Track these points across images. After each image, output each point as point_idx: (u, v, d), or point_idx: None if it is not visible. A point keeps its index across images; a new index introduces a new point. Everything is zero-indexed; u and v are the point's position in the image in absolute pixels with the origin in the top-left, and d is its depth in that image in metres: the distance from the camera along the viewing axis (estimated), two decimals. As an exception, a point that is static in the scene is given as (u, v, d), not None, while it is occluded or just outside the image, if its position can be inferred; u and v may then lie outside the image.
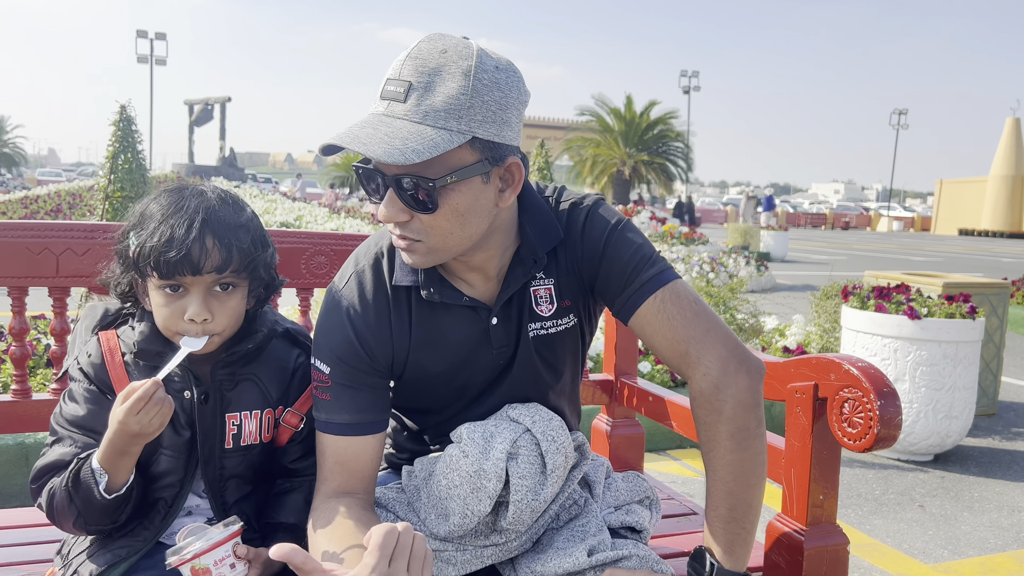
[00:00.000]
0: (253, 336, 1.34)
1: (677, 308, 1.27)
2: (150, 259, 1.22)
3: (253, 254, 1.28)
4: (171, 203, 1.26)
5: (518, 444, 1.28)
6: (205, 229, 1.23)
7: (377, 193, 1.19)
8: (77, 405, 1.30)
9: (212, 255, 1.23)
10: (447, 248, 1.21)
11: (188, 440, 1.31)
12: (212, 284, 1.26)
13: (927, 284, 4.81)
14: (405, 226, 1.18)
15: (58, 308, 1.82)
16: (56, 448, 1.29)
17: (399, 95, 1.12)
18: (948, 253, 24.62)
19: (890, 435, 1.37)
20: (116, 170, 4.21)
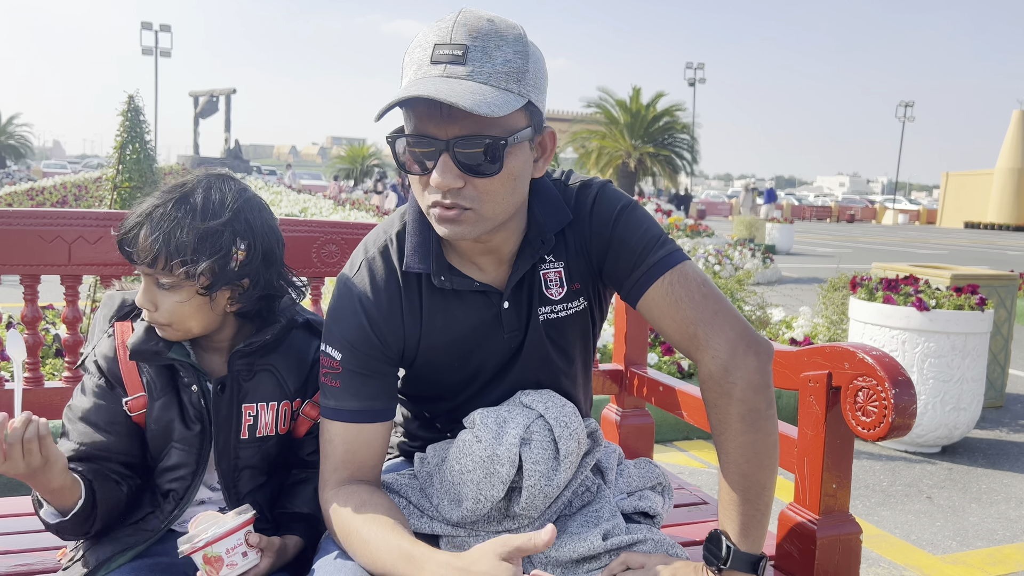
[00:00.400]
0: (271, 327, 1.34)
1: (685, 290, 1.27)
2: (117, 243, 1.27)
3: (187, 258, 1.22)
4: (157, 197, 1.27)
5: (531, 430, 1.28)
6: (146, 221, 1.23)
7: (424, 161, 1.15)
8: (85, 398, 1.31)
9: (141, 249, 1.23)
10: (495, 216, 1.20)
11: (199, 433, 1.31)
12: (153, 277, 1.25)
13: (935, 276, 4.80)
14: (458, 193, 1.15)
15: (70, 296, 1.82)
16: (61, 443, 1.30)
17: (457, 58, 1.11)
18: (954, 246, 24.54)
19: (905, 424, 1.36)
20: (124, 160, 4.21)
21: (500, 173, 1.15)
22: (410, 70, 1.15)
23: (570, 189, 1.35)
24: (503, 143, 1.13)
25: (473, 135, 1.12)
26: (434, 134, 1.12)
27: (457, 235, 1.18)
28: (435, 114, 1.11)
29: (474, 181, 1.15)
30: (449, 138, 1.12)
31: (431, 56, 1.12)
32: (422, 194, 1.19)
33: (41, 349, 1.84)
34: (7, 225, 1.70)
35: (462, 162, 1.13)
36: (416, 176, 1.18)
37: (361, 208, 17.40)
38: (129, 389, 1.30)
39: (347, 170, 40.02)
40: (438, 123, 1.12)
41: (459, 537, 1.30)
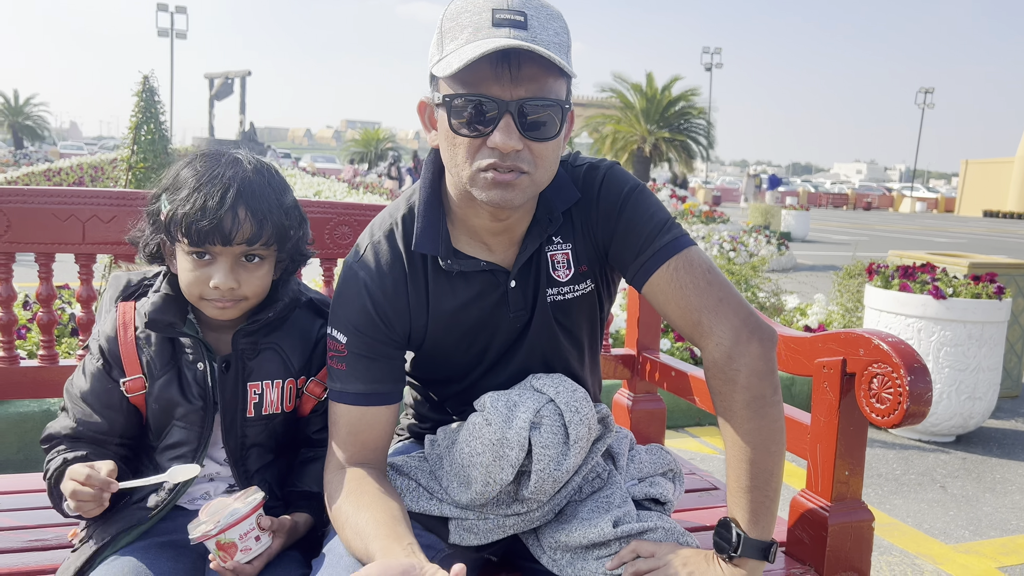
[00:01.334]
0: (274, 305, 1.34)
1: (691, 276, 1.26)
2: (181, 225, 1.22)
3: (286, 228, 1.29)
4: (206, 170, 1.25)
5: (541, 414, 1.27)
6: (239, 200, 1.22)
7: (479, 124, 1.14)
8: (84, 379, 1.33)
9: (244, 227, 1.23)
10: (543, 182, 1.22)
11: (200, 409, 1.32)
12: (240, 254, 1.26)
13: (952, 264, 4.75)
14: (517, 156, 1.16)
15: (84, 275, 1.83)
16: (61, 418, 1.33)
17: (519, 23, 1.12)
18: (972, 235, 24.30)
19: (920, 411, 1.35)
20: (139, 141, 4.22)
21: (556, 137, 1.17)
22: (464, 33, 1.14)
23: (577, 169, 1.34)
24: (566, 108, 1.17)
25: (539, 98, 1.13)
26: (498, 95, 1.12)
27: (507, 200, 1.18)
28: (502, 75, 1.11)
29: (532, 145, 1.16)
30: (514, 99, 1.12)
31: (491, 19, 1.12)
32: (470, 159, 1.17)
33: (56, 328, 1.85)
34: (22, 203, 1.71)
35: (526, 124, 1.14)
36: (466, 139, 1.16)
37: (375, 192, 17.41)
38: (127, 370, 1.31)
39: (361, 153, 40.02)
40: (504, 84, 1.12)
41: (468, 520, 1.30)
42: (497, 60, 1.11)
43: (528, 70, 1.12)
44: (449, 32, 1.16)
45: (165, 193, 1.27)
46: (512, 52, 1.10)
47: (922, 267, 4.31)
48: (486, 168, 1.16)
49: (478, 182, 1.17)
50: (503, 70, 1.11)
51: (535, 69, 1.13)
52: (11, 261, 1.77)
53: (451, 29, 1.16)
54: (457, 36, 1.14)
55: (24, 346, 3.58)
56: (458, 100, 1.14)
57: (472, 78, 1.12)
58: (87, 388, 1.32)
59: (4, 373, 1.78)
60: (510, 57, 1.11)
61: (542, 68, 1.13)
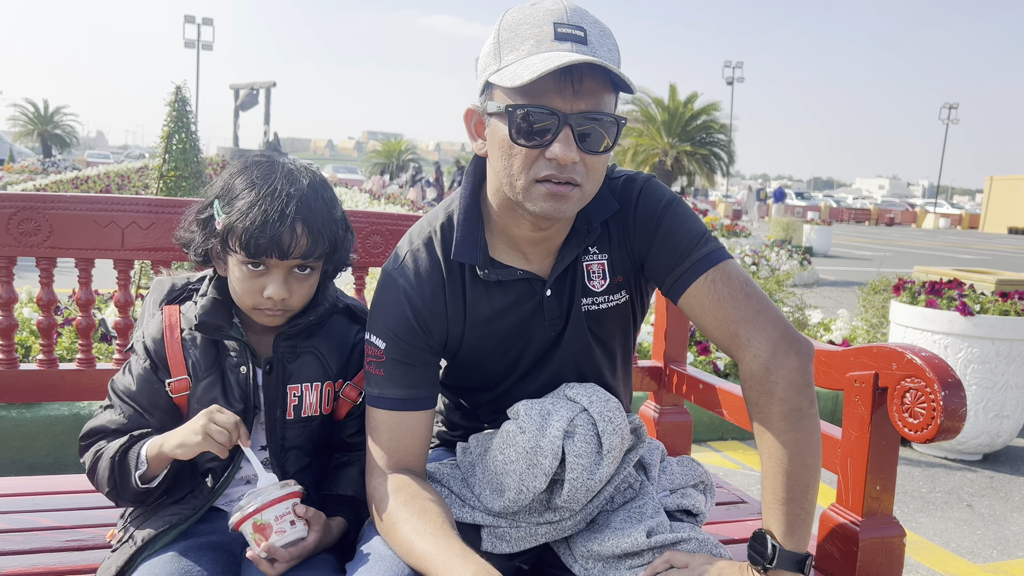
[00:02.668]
0: (315, 309, 1.37)
1: (728, 288, 1.27)
2: (240, 238, 1.25)
3: (337, 241, 1.32)
4: (263, 182, 1.27)
5: (575, 423, 1.28)
6: (297, 216, 1.25)
7: (536, 135, 1.16)
8: (131, 379, 1.35)
9: (300, 241, 1.26)
10: (591, 194, 1.24)
11: (241, 412, 1.34)
12: (294, 266, 1.29)
13: (980, 280, 4.71)
14: (573, 168, 1.18)
15: (122, 280, 1.87)
16: (107, 413, 1.36)
17: (581, 38, 1.15)
18: (997, 252, 24.02)
19: (954, 427, 1.35)
20: (170, 150, 4.30)
21: (609, 152, 1.20)
22: (526, 44, 1.16)
23: (615, 181, 1.36)
24: (621, 122, 1.19)
25: (597, 112, 1.15)
26: (559, 107, 1.14)
27: (560, 212, 1.20)
28: (565, 88, 1.13)
29: (586, 158, 1.18)
30: (574, 112, 1.14)
31: (553, 33, 1.14)
32: (526, 169, 1.18)
33: (94, 332, 1.88)
34: (64, 209, 1.75)
35: (584, 137, 1.16)
36: (524, 149, 1.17)
37: (396, 203, 17.50)
38: (173, 371, 1.34)
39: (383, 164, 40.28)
40: (566, 97, 1.14)
41: (500, 527, 1.31)
42: (560, 73, 1.12)
43: (588, 84, 1.14)
44: (508, 43, 1.17)
45: (218, 200, 1.30)
46: (574, 66, 1.12)
47: (949, 283, 4.27)
48: (542, 179, 1.18)
49: (532, 193, 1.19)
50: (565, 83, 1.13)
51: (595, 84, 1.15)
52: (52, 266, 1.81)
53: (510, 40, 1.17)
54: (518, 47, 1.16)
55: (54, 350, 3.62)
56: (520, 110, 1.15)
57: (534, 90, 1.14)
58: (135, 388, 1.34)
59: (44, 376, 1.82)
60: (572, 71, 1.13)
61: (600, 83, 1.15)
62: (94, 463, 1.32)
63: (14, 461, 3.21)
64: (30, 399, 1.82)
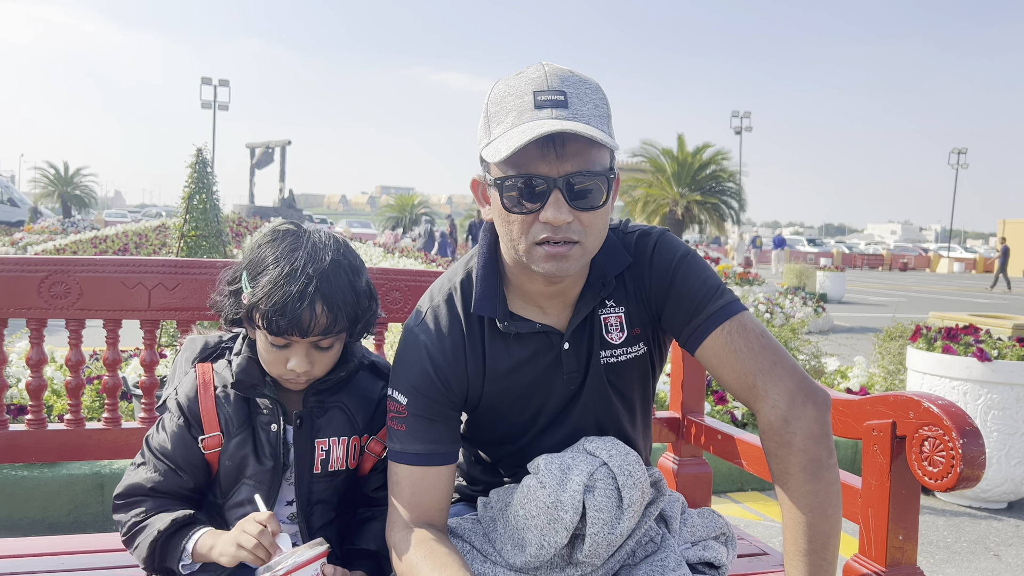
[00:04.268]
0: (345, 365, 1.41)
1: (744, 340, 1.29)
2: (263, 317, 1.29)
3: (360, 314, 1.35)
4: (286, 259, 1.30)
5: (595, 477, 1.30)
6: (316, 296, 1.28)
7: (528, 202, 1.20)
8: (165, 436, 1.38)
9: (320, 321, 1.29)
10: (594, 249, 1.27)
11: (271, 470, 1.37)
12: (316, 342, 1.32)
13: (996, 326, 4.69)
14: (568, 228, 1.21)
15: (148, 340, 1.91)
16: (141, 471, 1.38)
17: (560, 102, 1.19)
18: (1014, 296, 23.84)
19: (974, 475, 1.35)
20: (191, 210, 4.40)
21: (604, 206, 1.23)
22: (509, 117, 1.21)
23: (629, 236, 1.40)
24: (611, 176, 1.22)
25: (584, 171, 1.19)
26: (546, 173, 1.19)
27: (563, 270, 1.23)
28: (548, 154, 1.18)
29: (581, 216, 1.21)
30: (561, 175, 1.18)
31: (533, 102, 1.19)
32: (524, 234, 1.23)
33: (119, 391, 1.92)
34: (94, 272, 1.80)
35: (574, 197, 1.19)
36: (519, 216, 1.22)
37: (410, 256, 17.64)
38: (206, 427, 1.37)
39: (395, 219, 40.69)
40: (550, 162, 1.18)
41: (523, 582, 1.32)
42: (542, 141, 1.17)
43: (572, 147, 1.18)
44: (495, 116, 1.23)
45: (246, 272, 1.34)
46: (555, 132, 1.16)
47: (965, 329, 4.26)
48: (540, 242, 1.21)
49: (534, 256, 1.23)
50: (548, 150, 1.17)
51: (579, 145, 1.19)
52: (81, 327, 1.85)
53: (496, 113, 1.23)
54: (503, 120, 1.21)
55: (61, 410, 3.65)
56: (509, 181, 1.20)
57: (520, 159, 1.18)
58: (169, 446, 1.37)
59: (71, 436, 1.84)
60: (554, 137, 1.17)
61: (585, 143, 1.19)
62: (133, 531, 1.34)
63: (35, 521, 3.22)
64: (57, 459, 1.85)
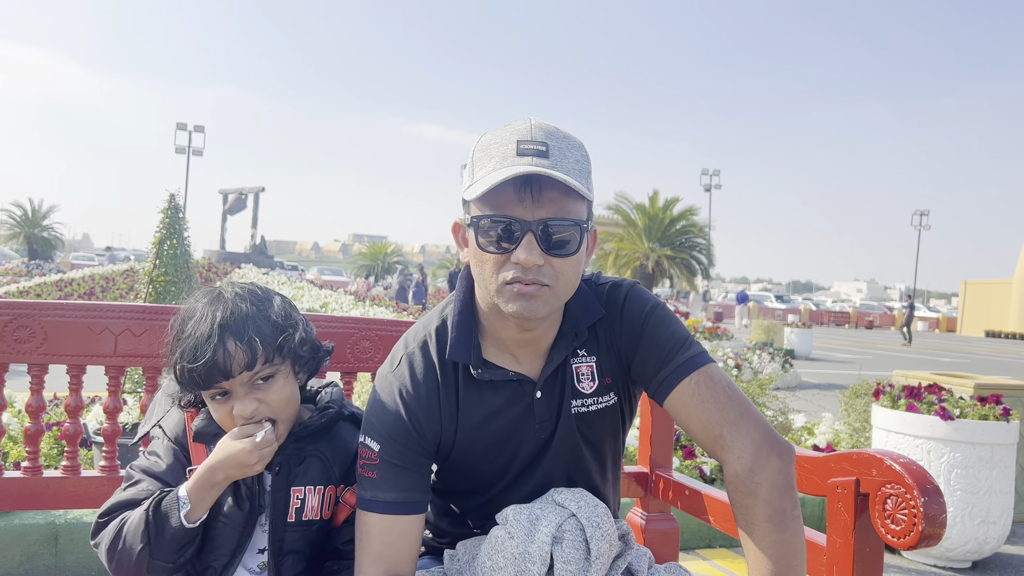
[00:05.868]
0: (325, 411, 1.41)
1: (711, 391, 1.32)
2: (188, 376, 1.29)
3: (280, 340, 1.33)
4: (192, 315, 1.32)
5: (563, 528, 1.30)
6: (224, 334, 1.28)
7: (503, 243, 1.24)
8: (159, 458, 1.37)
9: (236, 357, 1.28)
10: (564, 295, 1.30)
11: (246, 513, 1.36)
12: (251, 380, 1.31)
13: (958, 385, 4.76)
14: (539, 271, 1.24)
15: (112, 387, 1.88)
16: (131, 489, 1.36)
17: (541, 152, 1.23)
18: (975, 355, 24.27)
19: (935, 533, 1.37)
20: (162, 255, 4.38)
21: (576, 254, 1.26)
22: (492, 161, 1.25)
23: (601, 287, 1.43)
24: (584, 226, 1.26)
25: (558, 218, 1.23)
26: (521, 216, 1.23)
27: (531, 311, 1.25)
28: (525, 198, 1.22)
29: (552, 261, 1.25)
30: (535, 219, 1.23)
31: (516, 150, 1.24)
32: (495, 274, 1.26)
33: (80, 438, 1.88)
34: (60, 317, 1.78)
35: (547, 242, 1.23)
36: (492, 256, 1.26)
37: (381, 304, 17.58)
38: (194, 460, 1.37)
39: (368, 267, 40.64)
40: (526, 206, 1.22)
41: (488, 637, 1.30)
42: (520, 185, 1.22)
43: (548, 193, 1.23)
44: (479, 161, 1.28)
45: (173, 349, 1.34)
46: (534, 177, 1.21)
47: (928, 387, 4.33)
48: (511, 281, 1.25)
49: (504, 294, 1.26)
50: (525, 194, 1.22)
51: (555, 193, 1.23)
52: (44, 372, 1.82)
53: (481, 159, 1.28)
54: (485, 164, 1.26)
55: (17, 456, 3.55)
56: (485, 220, 1.25)
57: (498, 201, 1.23)
58: (164, 466, 1.37)
59: (27, 484, 1.80)
60: (532, 182, 1.22)
61: (561, 192, 1.24)
62: (118, 530, 1.30)
63: (-17, 572, 3.11)
64: (11, 507, 1.79)
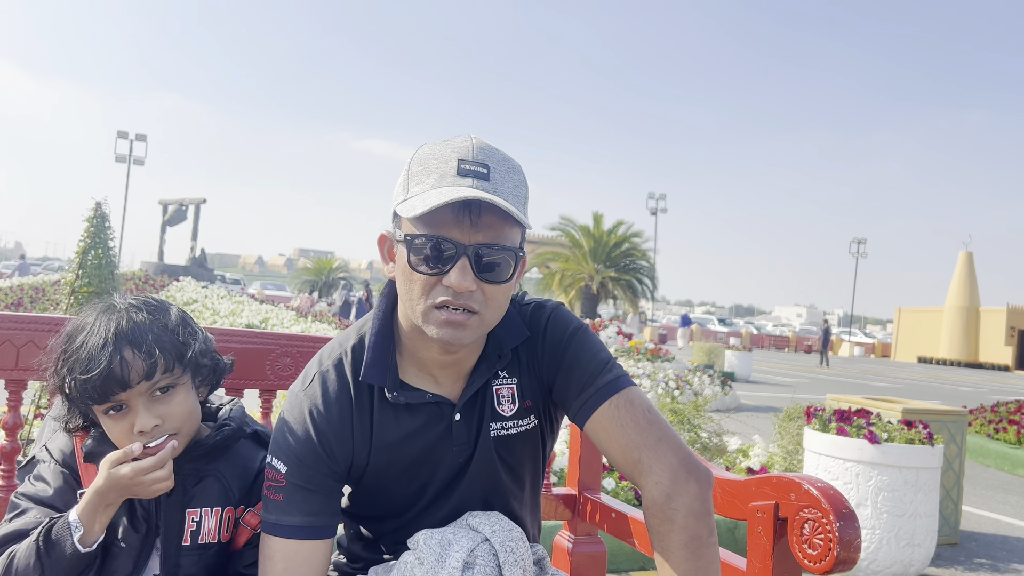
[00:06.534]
0: (221, 429, 1.34)
1: (631, 415, 1.30)
2: (81, 391, 1.22)
3: (179, 349, 1.28)
4: (84, 328, 1.26)
5: (475, 553, 1.26)
6: (121, 343, 1.23)
7: (437, 264, 1.20)
8: (46, 484, 1.29)
9: (135, 366, 1.22)
10: (492, 322, 1.26)
11: (143, 535, 1.29)
12: (150, 391, 1.25)
13: (887, 409, 4.87)
14: (470, 296, 1.21)
15: (13, 402, 1.78)
16: (17, 520, 1.26)
17: (483, 174, 1.20)
18: (908, 380, 25.00)
19: (849, 558, 1.36)
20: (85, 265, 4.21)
21: (508, 281, 1.23)
22: (430, 178, 1.21)
23: (525, 308, 1.40)
24: (519, 254, 1.23)
25: (495, 244, 1.20)
26: (457, 239, 1.19)
27: (458, 339, 1.22)
28: (463, 221, 1.18)
29: (484, 287, 1.21)
30: (471, 243, 1.19)
31: (456, 169, 1.20)
32: (425, 295, 1.22)
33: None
34: (-45, 326, 1.68)
35: (481, 267, 1.20)
36: (423, 276, 1.21)
37: (324, 320, 17.32)
38: (84, 482, 1.29)
39: (312, 282, 40.11)
40: (463, 229, 1.18)
41: (397, 668, 1.25)
42: (458, 207, 1.18)
43: (487, 218, 1.19)
44: (416, 175, 1.23)
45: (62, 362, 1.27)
46: (473, 201, 1.17)
47: (858, 412, 4.41)
48: (440, 305, 1.21)
49: (431, 318, 1.22)
50: (464, 217, 1.18)
51: (493, 218, 1.20)
52: (-64, 385, 1.72)
53: (418, 173, 1.23)
54: (423, 180, 1.21)
55: None
56: (419, 240, 1.20)
57: (434, 221, 1.19)
58: (51, 492, 1.28)
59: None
60: (471, 206, 1.18)
61: (499, 218, 1.20)
62: (7, 565, 1.21)
63: None
64: None
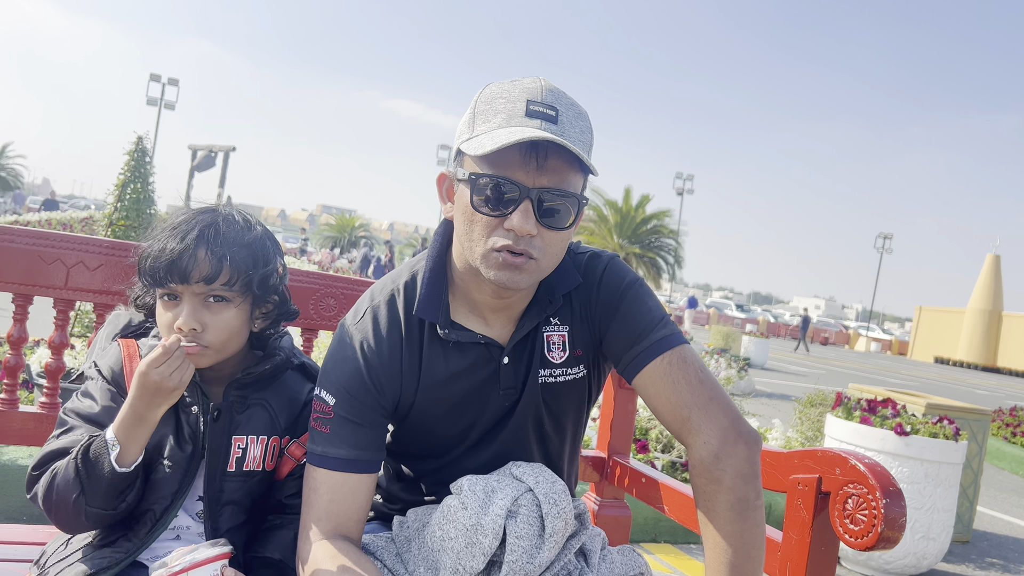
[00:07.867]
0: (271, 358, 1.34)
1: (683, 373, 1.28)
2: (150, 267, 1.24)
3: (248, 270, 1.28)
4: (180, 218, 1.29)
5: (519, 503, 1.26)
6: (200, 240, 1.24)
7: (500, 206, 1.18)
8: (93, 401, 1.30)
9: (201, 265, 1.23)
10: (549, 269, 1.25)
11: (189, 455, 1.29)
12: (204, 295, 1.25)
13: (911, 403, 4.83)
14: (530, 241, 1.19)
15: (60, 320, 1.79)
16: (64, 438, 1.27)
17: (551, 117, 1.17)
18: (923, 379, 24.81)
19: (893, 536, 1.35)
20: (123, 198, 4.22)
21: (568, 228, 1.21)
22: (497, 117, 1.19)
23: (580, 256, 1.38)
24: (582, 201, 1.21)
25: (559, 189, 1.18)
26: (522, 181, 1.17)
27: (514, 282, 1.20)
28: (529, 163, 1.16)
29: (545, 233, 1.19)
30: (536, 187, 1.16)
31: (525, 109, 1.17)
32: (485, 237, 1.20)
33: (22, 372, 1.79)
34: (8, 242, 1.69)
35: (543, 212, 1.18)
36: (484, 217, 1.19)
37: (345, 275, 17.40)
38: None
39: (334, 238, 40.25)
40: (528, 172, 1.16)
41: (433, 608, 1.26)
42: (525, 148, 1.15)
43: (553, 162, 1.17)
44: (483, 114, 1.21)
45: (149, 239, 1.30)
46: (540, 143, 1.15)
47: (883, 402, 4.38)
48: (500, 248, 1.19)
49: (489, 260, 1.20)
50: (530, 158, 1.16)
51: (559, 162, 1.17)
52: (-13, 299, 1.73)
53: (484, 112, 1.20)
54: (490, 119, 1.19)
55: None
56: (483, 179, 1.18)
57: (500, 161, 1.17)
58: (97, 409, 1.29)
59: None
60: (538, 147, 1.16)
61: (565, 162, 1.18)
62: (51, 481, 1.22)
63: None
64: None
